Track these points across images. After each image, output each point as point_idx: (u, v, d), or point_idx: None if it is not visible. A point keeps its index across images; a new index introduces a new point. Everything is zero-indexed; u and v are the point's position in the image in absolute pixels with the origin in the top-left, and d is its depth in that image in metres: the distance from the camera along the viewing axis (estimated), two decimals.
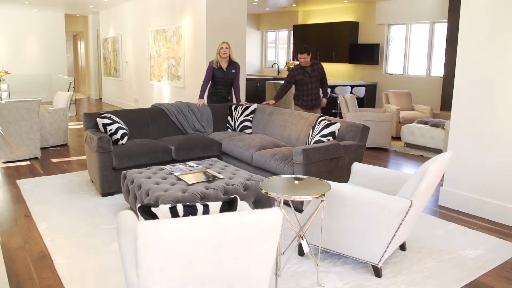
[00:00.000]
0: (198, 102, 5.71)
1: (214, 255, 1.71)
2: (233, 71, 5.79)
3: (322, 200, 2.71)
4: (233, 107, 5.77)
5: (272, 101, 5.89)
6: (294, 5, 11.21)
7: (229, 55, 5.71)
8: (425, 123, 7.10)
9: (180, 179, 3.60)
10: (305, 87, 5.82)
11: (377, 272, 2.90)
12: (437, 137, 6.69)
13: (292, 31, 12.35)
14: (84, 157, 6.18)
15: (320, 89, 6.01)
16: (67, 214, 3.94)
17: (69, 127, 8.28)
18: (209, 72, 5.75)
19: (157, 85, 9.91)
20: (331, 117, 4.78)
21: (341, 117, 8.58)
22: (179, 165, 4.02)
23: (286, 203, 3.77)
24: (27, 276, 2.87)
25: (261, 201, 3.62)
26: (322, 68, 5.91)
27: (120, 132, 4.62)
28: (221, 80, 5.79)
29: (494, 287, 2.83)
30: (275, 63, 13.20)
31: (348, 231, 2.89)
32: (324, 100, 6.12)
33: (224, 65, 5.72)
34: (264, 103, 5.90)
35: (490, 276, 2.97)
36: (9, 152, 5.78)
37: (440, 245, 3.42)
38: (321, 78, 5.90)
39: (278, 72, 12.86)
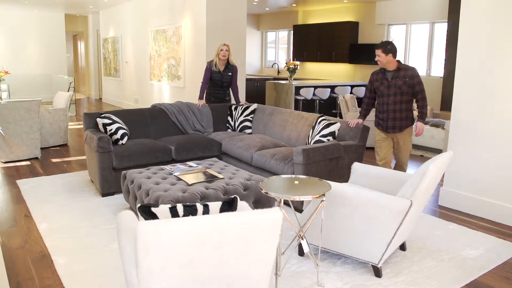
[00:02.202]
0: (198, 103, 5.71)
1: (214, 255, 1.71)
2: (230, 73, 5.79)
3: (322, 200, 2.71)
4: (233, 107, 5.77)
5: (360, 120, 4.49)
6: (294, 5, 11.21)
7: (228, 57, 5.71)
8: (425, 123, 7.09)
9: (180, 179, 3.60)
10: (381, 100, 4.26)
11: (377, 272, 2.90)
12: (437, 137, 6.69)
13: (292, 31, 12.35)
14: (84, 157, 6.18)
15: (416, 106, 4.27)
16: (67, 214, 3.94)
17: (69, 127, 8.28)
18: (207, 73, 5.76)
19: (157, 85, 9.91)
20: (331, 117, 4.78)
21: (341, 117, 8.58)
22: (179, 165, 4.02)
23: (286, 203, 3.77)
24: (27, 276, 2.87)
25: (261, 201, 3.62)
26: (413, 77, 4.11)
27: (120, 132, 4.62)
28: (218, 81, 5.80)
29: (494, 287, 2.83)
30: (275, 63, 13.20)
31: (348, 231, 2.89)
32: (420, 125, 4.16)
33: (221, 67, 5.73)
34: (351, 124, 4.47)
35: (490, 276, 2.97)
36: (9, 152, 5.78)
37: (440, 245, 3.42)
38: (410, 91, 4.13)
39: (278, 72, 12.86)
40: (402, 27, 9.76)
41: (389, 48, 4.08)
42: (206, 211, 2.35)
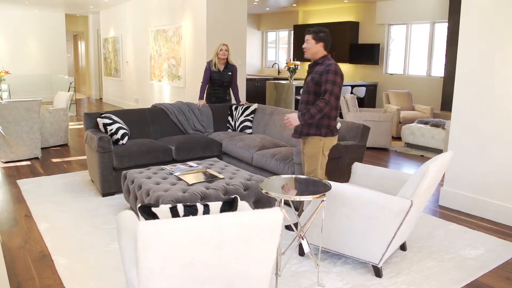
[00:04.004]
0: (199, 103, 5.71)
1: (214, 255, 1.71)
2: (230, 73, 5.80)
3: (323, 200, 2.71)
4: (233, 107, 5.77)
5: None
6: (295, 5, 11.20)
7: (227, 57, 5.72)
8: (426, 123, 7.10)
9: (180, 179, 3.60)
10: None
11: (378, 272, 2.90)
12: (437, 137, 6.69)
13: (292, 31, 12.35)
14: (85, 157, 6.18)
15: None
16: (68, 214, 3.94)
17: (70, 127, 8.28)
18: (207, 73, 5.77)
19: (157, 85, 9.91)
20: None
21: (341, 117, 8.58)
22: (180, 165, 4.02)
23: (286, 203, 3.77)
24: (28, 276, 2.87)
25: (261, 201, 3.62)
26: (322, 73, 3.32)
27: (121, 132, 4.62)
28: (218, 81, 5.80)
29: (494, 287, 2.83)
30: (276, 63, 13.20)
31: (348, 231, 2.89)
32: (291, 115, 3.37)
33: (220, 67, 5.74)
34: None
35: (490, 276, 2.97)
36: (9, 152, 5.79)
37: (440, 245, 3.42)
38: (318, 90, 3.35)
39: (279, 72, 12.85)
40: (403, 27, 9.76)
41: (321, 35, 3.39)
42: (206, 211, 2.35)
